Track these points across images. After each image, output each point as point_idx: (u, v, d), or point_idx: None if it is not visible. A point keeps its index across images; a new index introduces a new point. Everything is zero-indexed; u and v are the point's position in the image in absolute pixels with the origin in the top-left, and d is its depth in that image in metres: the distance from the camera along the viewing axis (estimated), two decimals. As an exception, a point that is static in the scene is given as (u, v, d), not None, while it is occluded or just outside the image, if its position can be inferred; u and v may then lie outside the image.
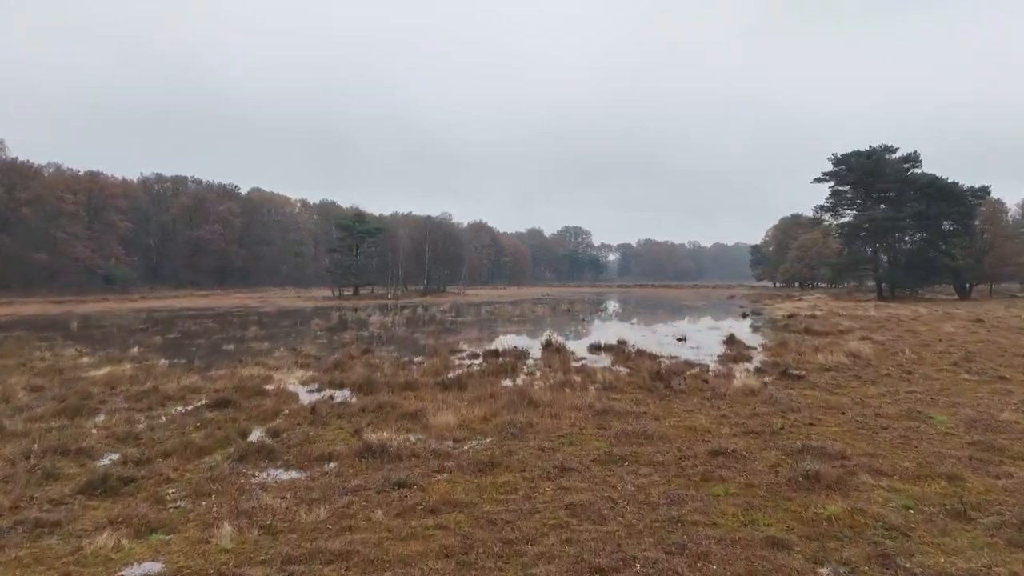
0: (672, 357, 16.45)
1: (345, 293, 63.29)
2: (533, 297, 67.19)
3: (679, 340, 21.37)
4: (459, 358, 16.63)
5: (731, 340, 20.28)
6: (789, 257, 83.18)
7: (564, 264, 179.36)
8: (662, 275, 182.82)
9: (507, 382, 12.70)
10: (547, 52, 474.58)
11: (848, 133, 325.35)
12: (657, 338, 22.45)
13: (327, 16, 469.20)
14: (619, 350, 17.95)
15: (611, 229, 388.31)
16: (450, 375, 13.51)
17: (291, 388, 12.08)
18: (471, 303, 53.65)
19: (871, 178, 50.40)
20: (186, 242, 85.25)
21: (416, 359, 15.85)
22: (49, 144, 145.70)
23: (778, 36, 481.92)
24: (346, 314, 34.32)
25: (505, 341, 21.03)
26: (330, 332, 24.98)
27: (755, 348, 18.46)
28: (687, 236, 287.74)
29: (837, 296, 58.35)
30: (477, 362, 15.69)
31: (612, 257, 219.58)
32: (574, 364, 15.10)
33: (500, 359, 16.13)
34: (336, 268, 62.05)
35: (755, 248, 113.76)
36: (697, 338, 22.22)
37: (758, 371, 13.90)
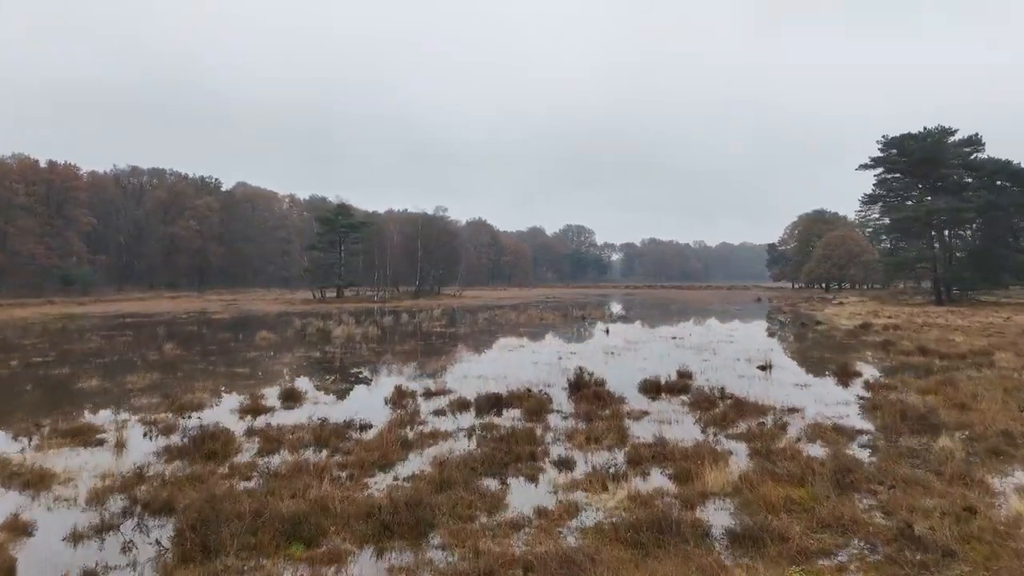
0: (790, 409, 9.93)
1: (328, 295, 56.73)
2: (537, 300, 60.66)
3: (761, 369, 14.80)
4: (436, 410, 10.07)
5: (846, 372, 13.72)
6: (814, 256, 76.49)
7: (567, 264, 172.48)
8: (667, 275, 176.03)
9: (521, 487, 6.30)
10: (547, 52, 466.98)
11: (849, 133, 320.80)
12: (723, 363, 15.90)
13: (327, 16, 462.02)
14: (693, 392, 11.41)
15: (612, 229, 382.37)
16: (408, 463, 7.05)
17: (44, 522, 5.52)
18: (468, 307, 47.12)
19: (928, 164, 43.76)
20: (160, 240, 78.44)
21: (359, 418, 9.25)
22: (46, 144, 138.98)
23: (779, 36, 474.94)
24: (312, 323, 27.78)
25: (510, 369, 14.51)
26: (269, 353, 18.44)
27: (897, 387, 11.84)
28: (687, 236, 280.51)
29: (881, 299, 51.69)
30: (464, 424, 9.14)
31: (615, 257, 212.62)
32: (636, 431, 8.56)
33: (504, 415, 9.63)
34: (316, 267, 54.97)
35: (771, 247, 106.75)
36: (784, 365, 15.64)
37: (993, 454, 7.34)
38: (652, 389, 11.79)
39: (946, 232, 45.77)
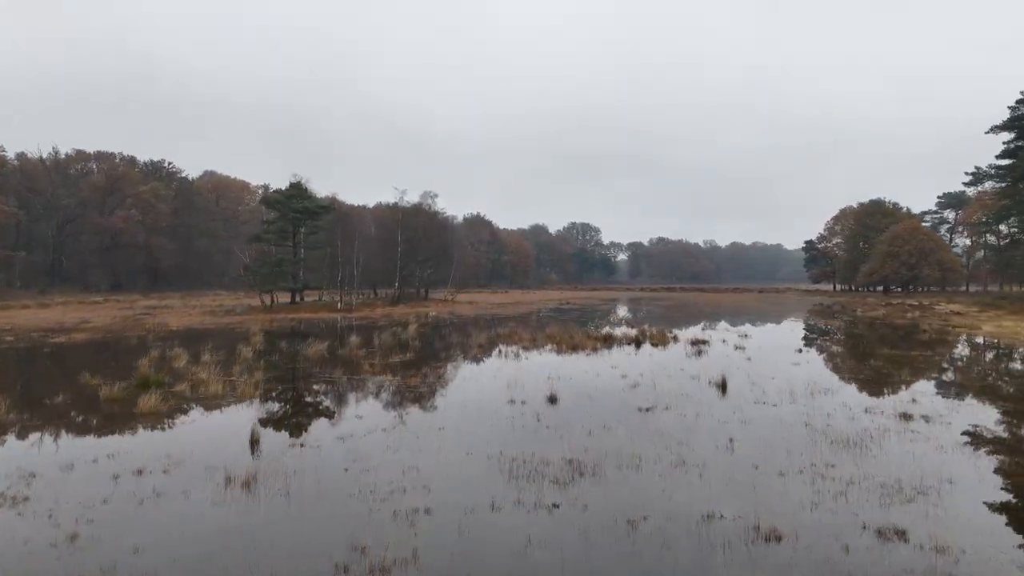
0: None
1: (284, 300, 44.60)
2: (546, 306, 48.52)
3: None
4: None
5: None
6: (875, 254, 64.20)
7: (572, 264, 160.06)
8: (677, 276, 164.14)
9: None
10: (546, 48, 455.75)
11: (849, 133, 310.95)
12: None
13: (316, 14, 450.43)
14: None
15: (615, 228, 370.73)
16: None
17: None
18: (458, 318, 34.99)
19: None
20: (96, 233, 66.08)
21: None
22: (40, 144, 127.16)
23: (780, 37, 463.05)
24: (177, 357, 15.60)
25: None
26: None
27: None
28: (695, 235, 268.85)
29: (998, 305, 39.51)
30: None
31: (621, 257, 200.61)
32: None
33: None
34: (261, 265, 42.46)
35: (809, 244, 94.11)
36: None
37: None
38: None
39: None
